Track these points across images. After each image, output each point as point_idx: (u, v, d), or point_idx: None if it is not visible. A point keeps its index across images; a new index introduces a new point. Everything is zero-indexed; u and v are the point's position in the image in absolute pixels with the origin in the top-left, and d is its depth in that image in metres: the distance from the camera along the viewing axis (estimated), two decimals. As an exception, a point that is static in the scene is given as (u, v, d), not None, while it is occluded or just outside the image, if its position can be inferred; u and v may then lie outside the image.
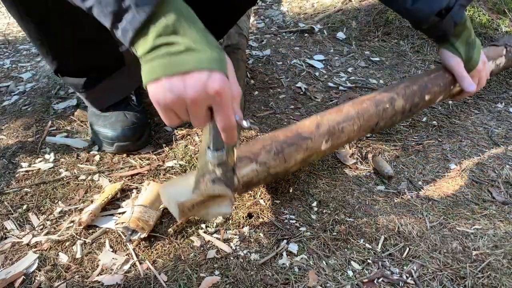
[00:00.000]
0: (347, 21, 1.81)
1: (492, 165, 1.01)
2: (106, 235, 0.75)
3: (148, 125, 1.04)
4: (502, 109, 1.30)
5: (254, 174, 0.73)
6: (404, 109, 0.97)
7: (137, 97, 1.06)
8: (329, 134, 0.83)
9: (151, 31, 0.52)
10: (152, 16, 0.52)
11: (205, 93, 0.52)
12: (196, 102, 0.53)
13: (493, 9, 1.74)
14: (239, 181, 0.71)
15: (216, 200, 0.67)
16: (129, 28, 0.52)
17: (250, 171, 0.73)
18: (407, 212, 0.84)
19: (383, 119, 0.94)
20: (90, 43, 0.89)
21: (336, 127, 0.85)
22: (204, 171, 0.66)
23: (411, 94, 0.98)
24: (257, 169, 0.74)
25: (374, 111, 0.92)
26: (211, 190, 0.64)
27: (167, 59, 0.52)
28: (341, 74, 1.45)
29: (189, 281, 0.67)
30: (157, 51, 0.53)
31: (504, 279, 0.70)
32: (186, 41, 0.52)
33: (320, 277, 0.68)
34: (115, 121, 0.96)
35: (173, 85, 0.52)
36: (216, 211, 0.67)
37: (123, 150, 0.97)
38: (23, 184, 0.87)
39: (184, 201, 0.64)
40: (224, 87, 0.53)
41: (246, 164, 0.73)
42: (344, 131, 0.86)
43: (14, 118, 1.11)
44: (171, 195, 0.66)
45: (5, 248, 0.73)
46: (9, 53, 1.58)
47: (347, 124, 0.87)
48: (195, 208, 0.66)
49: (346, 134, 0.87)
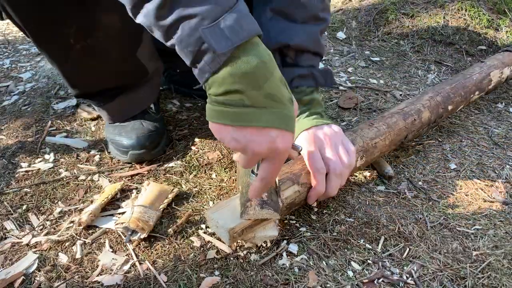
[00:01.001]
0: (347, 21, 1.81)
1: (492, 165, 1.01)
2: (106, 235, 0.75)
3: (165, 134, 0.99)
4: (502, 109, 1.30)
5: (296, 195, 0.75)
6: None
7: (155, 105, 1.02)
8: (364, 151, 0.85)
9: (227, 75, 0.50)
10: (229, 60, 0.50)
11: (269, 151, 0.54)
12: (257, 155, 0.55)
13: (493, 9, 1.74)
14: (282, 203, 0.72)
15: (262, 224, 0.69)
16: (207, 70, 0.51)
17: (293, 192, 0.74)
18: (407, 212, 0.84)
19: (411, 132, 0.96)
20: (113, 71, 0.88)
21: (370, 143, 0.86)
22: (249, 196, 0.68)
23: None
24: (299, 190, 0.75)
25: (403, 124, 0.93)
26: (260, 214, 0.66)
27: (239, 109, 0.51)
28: (341, 74, 1.45)
29: (189, 281, 0.67)
30: (230, 97, 0.51)
31: (504, 279, 0.69)
32: (261, 95, 0.51)
33: (320, 278, 0.68)
34: (131, 129, 0.92)
35: (240, 136, 0.53)
36: (263, 234, 0.70)
37: (137, 159, 0.92)
38: (23, 184, 0.87)
39: (235, 227, 0.66)
40: (287, 148, 0.54)
41: (288, 185, 0.74)
42: (377, 146, 0.88)
43: (13, 118, 1.11)
44: (219, 221, 0.68)
45: (5, 248, 0.73)
46: (8, 53, 1.58)
47: (379, 140, 0.88)
48: (244, 233, 0.68)
49: (378, 150, 0.89)
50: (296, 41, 0.81)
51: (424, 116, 0.98)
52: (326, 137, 0.77)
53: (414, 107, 0.98)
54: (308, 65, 0.85)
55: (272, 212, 0.66)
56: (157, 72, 0.98)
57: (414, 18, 1.73)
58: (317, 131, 0.77)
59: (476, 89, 1.15)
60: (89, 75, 0.88)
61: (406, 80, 1.45)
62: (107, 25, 0.79)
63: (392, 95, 1.33)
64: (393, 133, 0.91)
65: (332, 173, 0.74)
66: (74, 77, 0.89)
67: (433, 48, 1.63)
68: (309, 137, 0.76)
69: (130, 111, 0.96)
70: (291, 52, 0.84)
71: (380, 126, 0.90)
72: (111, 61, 0.85)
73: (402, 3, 1.80)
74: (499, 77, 1.24)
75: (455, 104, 1.07)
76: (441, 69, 1.54)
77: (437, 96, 1.03)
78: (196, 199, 0.84)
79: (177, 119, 1.11)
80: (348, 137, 0.84)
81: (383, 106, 1.26)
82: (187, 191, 0.86)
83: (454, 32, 1.67)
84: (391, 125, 0.92)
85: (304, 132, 0.77)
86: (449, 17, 1.70)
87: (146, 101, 0.98)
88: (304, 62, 0.85)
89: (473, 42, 1.65)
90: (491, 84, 1.21)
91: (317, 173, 0.73)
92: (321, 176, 0.74)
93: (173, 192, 0.83)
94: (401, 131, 0.93)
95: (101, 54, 0.83)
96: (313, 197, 0.76)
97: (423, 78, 1.47)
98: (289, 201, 0.74)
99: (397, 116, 0.94)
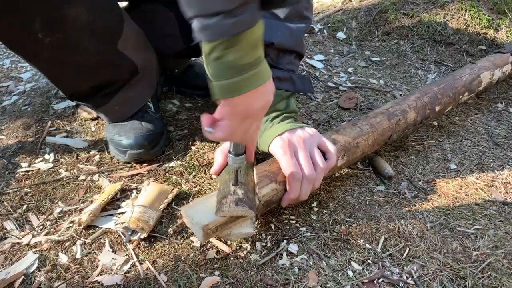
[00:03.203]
0: (347, 21, 1.81)
1: (492, 165, 1.01)
2: (106, 235, 0.75)
3: (165, 134, 0.99)
4: (502, 109, 1.30)
5: (274, 193, 0.75)
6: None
7: (155, 104, 1.01)
8: (345, 150, 0.85)
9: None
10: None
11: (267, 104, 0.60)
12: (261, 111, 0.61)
13: (493, 9, 1.74)
14: (259, 201, 0.72)
15: (238, 221, 0.69)
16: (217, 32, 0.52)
17: (270, 190, 0.74)
18: (407, 212, 0.84)
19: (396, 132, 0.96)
20: (94, 66, 0.86)
21: (352, 143, 0.86)
22: (225, 193, 0.68)
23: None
24: (276, 188, 0.75)
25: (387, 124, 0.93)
26: (234, 211, 0.66)
27: (248, 74, 0.55)
28: (341, 74, 1.45)
29: (189, 281, 0.67)
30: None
31: (504, 279, 0.69)
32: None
33: (320, 278, 0.68)
34: (130, 129, 0.92)
35: (262, 97, 0.59)
36: (239, 231, 0.70)
37: (136, 159, 0.92)
38: (23, 184, 0.87)
39: (208, 224, 0.66)
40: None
41: (266, 183, 0.74)
42: (359, 146, 0.88)
43: (14, 118, 1.11)
44: (194, 217, 0.68)
45: (5, 248, 0.73)
46: (9, 53, 1.58)
47: (362, 139, 0.88)
48: (219, 230, 0.68)
49: (361, 149, 0.89)
50: (280, 39, 0.80)
51: (410, 116, 0.98)
52: (300, 141, 0.76)
53: (400, 108, 0.98)
54: (288, 68, 0.85)
55: (246, 209, 0.65)
56: (149, 65, 0.96)
57: (414, 18, 1.73)
58: (291, 136, 0.76)
59: (466, 90, 1.15)
60: (68, 70, 0.86)
61: (406, 80, 1.45)
62: (74, 18, 0.77)
63: (392, 95, 1.33)
64: (377, 133, 0.91)
65: (304, 179, 0.74)
66: (56, 75, 0.87)
67: (433, 48, 1.63)
68: (283, 143, 0.75)
69: (128, 111, 0.95)
70: (273, 52, 0.82)
71: (363, 126, 0.90)
72: (88, 55, 0.83)
73: (402, 3, 1.80)
74: (489, 78, 1.23)
75: (442, 105, 1.06)
76: (441, 69, 1.54)
77: (424, 96, 1.03)
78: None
79: (177, 119, 1.11)
80: (330, 136, 0.84)
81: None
82: (187, 191, 0.86)
83: (454, 32, 1.67)
84: (374, 125, 0.91)
85: (278, 138, 0.76)
86: (449, 17, 1.70)
87: (142, 99, 0.97)
88: (284, 65, 0.84)
89: (473, 42, 1.65)
90: (481, 86, 1.21)
91: (292, 180, 0.73)
92: (297, 182, 0.73)
93: (173, 192, 0.83)
94: (385, 131, 0.93)
95: (74, 48, 0.81)
96: (286, 201, 0.76)
97: (423, 78, 1.47)
98: (267, 199, 0.73)
99: (381, 116, 0.94)
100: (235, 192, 0.67)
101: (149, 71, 0.96)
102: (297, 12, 0.83)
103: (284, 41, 0.81)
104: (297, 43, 0.85)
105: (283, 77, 0.83)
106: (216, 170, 0.80)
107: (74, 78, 0.88)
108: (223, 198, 0.67)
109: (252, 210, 0.67)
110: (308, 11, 0.85)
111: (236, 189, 0.68)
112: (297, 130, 0.78)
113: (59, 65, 0.85)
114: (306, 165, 0.74)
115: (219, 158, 0.80)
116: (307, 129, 0.79)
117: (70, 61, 0.83)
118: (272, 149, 0.76)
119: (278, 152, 0.75)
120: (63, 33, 0.78)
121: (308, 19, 0.86)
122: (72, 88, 0.91)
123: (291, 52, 0.84)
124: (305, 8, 0.84)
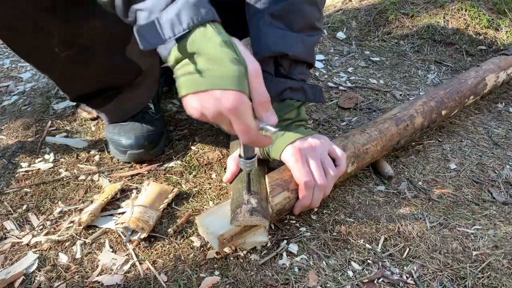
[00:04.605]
0: (347, 21, 1.81)
1: (492, 165, 1.01)
2: (106, 235, 0.75)
3: (165, 134, 0.99)
4: (502, 109, 1.30)
5: (287, 201, 0.76)
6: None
7: (155, 105, 1.02)
8: (355, 156, 0.85)
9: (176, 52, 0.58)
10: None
11: (218, 111, 0.57)
12: (215, 118, 0.58)
13: (493, 9, 1.74)
14: (272, 209, 0.73)
15: (252, 230, 0.70)
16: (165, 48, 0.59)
17: (282, 198, 0.75)
18: (407, 212, 0.84)
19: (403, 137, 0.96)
20: (104, 73, 0.88)
21: (361, 149, 0.87)
22: (239, 202, 0.69)
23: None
24: (289, 196, 0.76)
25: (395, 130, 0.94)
26: (249, 221, 0.66)
27: (190, 76, 0.57)
28: (341, 74, 1.45)
29: (189, 281, 0.67)
30: (184, 68, 0.58)
31: (504, 279, 0.69)
32: (202, 61, 0.56)
33: (320, 277, 0.68)
34: (130, 129, 0.93)
35: (195, 102, 0.58)
36: (253, 240, 0.71)
37: (136, 159, 0.93)
38: (23, 184, 0.87)
39: (224, 233, 0.67)
40: (235, 105, 0.55)
41: (278, 192, 0.74)
42: (368, 152, 0.88)
43: (13, 118, 1.11)
44: (210, 227, 0.69)
45: (5, 248, 0.73)
46: (9, 53, 1.58)
47: (371, 145, 0.89)
48: (233, 239, 0.69)
49: (370, 155, 0.89)
50: (294, 51, 0.81)
51: (417, 121, 0.99)
52: (311, 148, 0.77)
53: (407, 113, 0.98)
54: (300, 78, 0.85)
55: (261, 218, 0.67)
56: (153, 68, 0.97)
57: (414, 18, 1.73)
58: (303, 144, 0.77)
59: (471, 93, 1.15)
60: (80, 80, 0.88)
61: (406, 80, 1.45)
62: (89, 31, 0.79)
63: (392, 95, 1.33)
64: (385, 138, 0.92)
65: (316, 186, 0.75)
66: (65, 83, 0.90)
67: (433, 48, 1.63)
68: (295, 151, 0.76)
69: (128, 112, 0.96)
70: (286, 62, 0.83)
71: (372, 132, 0.90)
72: (100, 64, 0.85)
73: (402, 3, 1.80)
74: (494, 81, 1.23)
75: (449, 109, 1.07)
76: (441, 69, 1.54)
77: (431, 101, 1.03)
78: (196, 199, 0.84)
79: (177, 119, 1.11)
80: (340, 143, 0.85)
81: (383, 106, 1.26)
82: (187, 191, 0.86)
83: (454, 32, 1.67)
84: (383, 131, 0.92)
85: (289, 146, 0.76)
86: (449, 17, 1.70)
87: (144, 101, 0.98)
88: (297, 75, 0.85)
89: (473, 42, 1.65)
90: (487, 89, 1.21)
91: (305, 187, 0.74)
92: (309, 190, 0.74)
93: (173, 192, 0.83)
94: (393, 136, 0.94)
95: (88, 60, 0.83)
96: (298, 209, 0.77)
97: (423, 78, 1.47)
98: (279, 207, 0.74)
99: (389, 121, 0.95)
100: (249, 202, 0.68)
101: (151, 73, 0.97)
102: (309, 23, 0.84)
103: (298, 53, 0.82)
104: (310, 55, 0.86)
105: (295, 87, 0.83)
106: (229, 178, 0.81)
107: (82, 85, 0.90)
108: (237, 208, 0.68)
109: (266, 219, 0.67)
110: (319, 23, 0.86)
111: (249, 198, 0.69)
112: (308, 138, 0.78)
113: (72, 77, 0.87)
114: (318, 173, 0.74)
115: (231, 166, 0.81)
116: (318, 137, 0.80)
117: (83, 73, 0.86)
118: (284, 157, 0.77)
119: (290, 160, 0.75)
120: (78, 47, 0.80)
121: (320, 30, 0.87)
122: (76, 92, 0.93)
123: (303, 62, 0.85)
124: (317, 19, 0.85)
